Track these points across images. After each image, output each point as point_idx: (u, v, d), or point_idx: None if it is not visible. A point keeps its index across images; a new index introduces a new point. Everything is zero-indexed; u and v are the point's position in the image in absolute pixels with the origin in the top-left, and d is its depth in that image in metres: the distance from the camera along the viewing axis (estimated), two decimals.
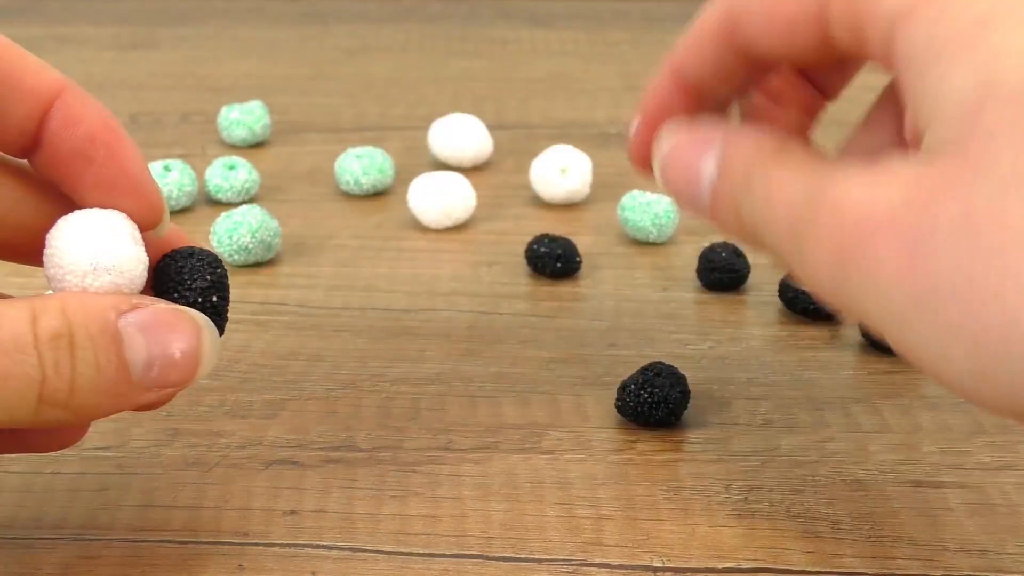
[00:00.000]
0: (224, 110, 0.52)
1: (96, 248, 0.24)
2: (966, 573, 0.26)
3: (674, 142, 0.26)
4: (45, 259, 0.24)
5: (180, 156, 0.49)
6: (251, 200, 0.46)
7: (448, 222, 0.44)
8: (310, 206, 0.46)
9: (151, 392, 0.25)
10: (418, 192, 0.44)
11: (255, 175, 0.46)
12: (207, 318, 0.25)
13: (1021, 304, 0.18)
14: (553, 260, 0.40)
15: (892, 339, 0.20)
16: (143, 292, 0.25)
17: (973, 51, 0.19)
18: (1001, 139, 0.18)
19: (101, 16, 0.73)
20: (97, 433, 0.31)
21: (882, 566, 0.26)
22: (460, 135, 0.49)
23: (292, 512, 0.28)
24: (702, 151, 0.25)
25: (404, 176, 0.47)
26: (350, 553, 0.27)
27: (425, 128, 0.51)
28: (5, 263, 0.27)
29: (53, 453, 0.30)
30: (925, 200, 0.19)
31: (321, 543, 0.27)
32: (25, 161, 0.26)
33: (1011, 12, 0.19)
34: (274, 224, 0.41)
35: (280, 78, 0.62)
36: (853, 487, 0.29)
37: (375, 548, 0.27)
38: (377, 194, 0.47)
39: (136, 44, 0.67)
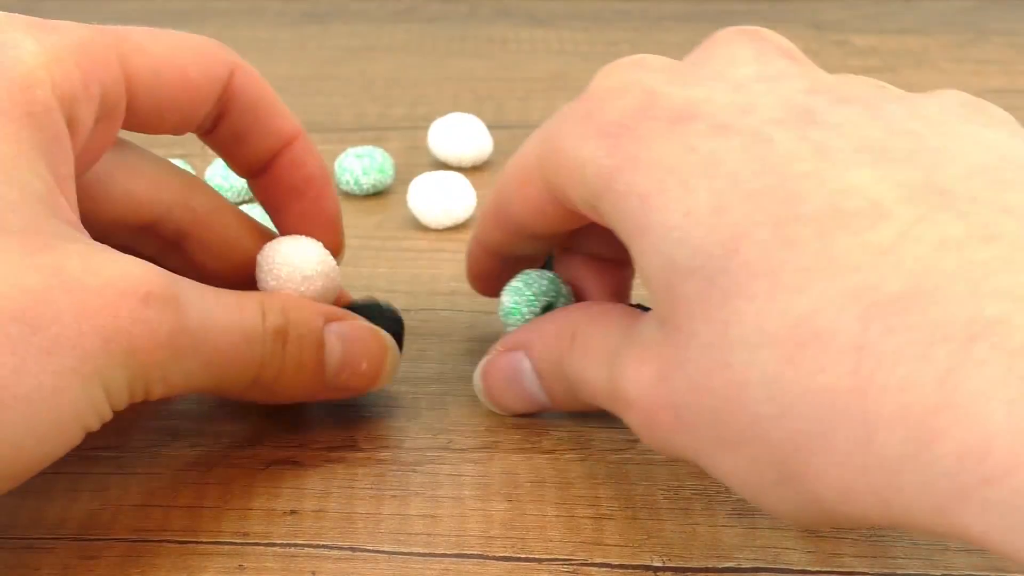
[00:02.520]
0: None
1: (309, 262, 0.29)
2: (966, 573, 0.26)
3: (487, 358, 0.31)
4: (262, 273, 0.30)
5: (180, 156, 0.49)
6: (251, 200, 0.46)
7: (448, 222, 0.44)
8: None
9: (333, 392, 0.29)
10: (418, 192, 0.44)
11: None
12: (394, 341, 0.30)
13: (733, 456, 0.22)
14: (550, 259, 0.40)
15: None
16: None
17: (647, 231, 0.23)
18: (697, 311, 0.22)
19: (101, 16, 0.72)
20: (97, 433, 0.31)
21: (882, 566, 0.26)
22: (460, 135, 0.49)
23: (292, 512, 0.28)
24: (515, 357, 0.30)
25: (404, 176, 0.47)
26: (350, 553, 0.27)
27: (425, 128, 0.51)
28: None
29: None
30: (666, 374, 0.23)
31: (321, 543, 0.27)
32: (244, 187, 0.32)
33: (667, 188, 0.23)
34: None
35: (280, 78, 0.61)
36: None
37: (375, 548, 0.27)
38: (377, 194, 0.47)
39: None
